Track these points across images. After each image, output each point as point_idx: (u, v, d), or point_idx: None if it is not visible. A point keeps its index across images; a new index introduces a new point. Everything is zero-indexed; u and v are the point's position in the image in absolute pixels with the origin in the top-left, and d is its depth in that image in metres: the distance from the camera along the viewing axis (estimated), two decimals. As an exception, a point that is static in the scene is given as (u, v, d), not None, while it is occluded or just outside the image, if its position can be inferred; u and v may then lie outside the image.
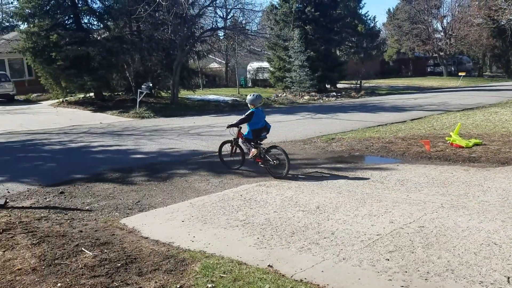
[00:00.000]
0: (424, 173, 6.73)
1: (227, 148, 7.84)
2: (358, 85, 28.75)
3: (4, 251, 3.95)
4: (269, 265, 3.60)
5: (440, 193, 5.62)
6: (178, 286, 3.21)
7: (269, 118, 15.43)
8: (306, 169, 7.47)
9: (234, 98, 23.97)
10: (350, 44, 37.50)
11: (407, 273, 3.44)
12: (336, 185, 6.22)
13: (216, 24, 24.58)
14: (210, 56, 27.58)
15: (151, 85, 19.86)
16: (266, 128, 7.28)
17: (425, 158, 8.00)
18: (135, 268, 3.54)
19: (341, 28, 30.53)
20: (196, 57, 24.01)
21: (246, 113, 7.22)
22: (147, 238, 4.40)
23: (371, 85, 31.84)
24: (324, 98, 24.94)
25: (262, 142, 7.26)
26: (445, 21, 45.82)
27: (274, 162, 6.94)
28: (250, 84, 36.90)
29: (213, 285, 3.20)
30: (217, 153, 8.12)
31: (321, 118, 15.37)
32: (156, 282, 3.28)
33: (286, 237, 4.22)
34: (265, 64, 32.95)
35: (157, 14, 19.08)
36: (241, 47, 27.73)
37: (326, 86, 29.80)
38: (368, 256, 3.75)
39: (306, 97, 24.75)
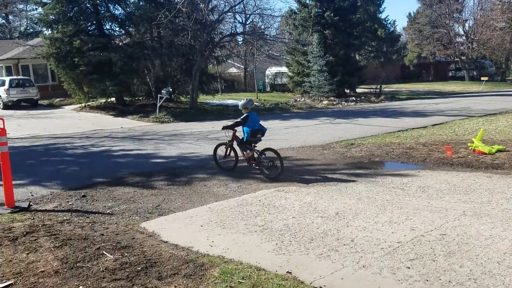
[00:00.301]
0: (446, 180, 6.61)
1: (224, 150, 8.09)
2: (378, 90, 28.46)
3: (27, 254, 4.04)
4: (288, 272, 3.59)
5: (462, 200, 5.51)
6: (197, 290, 3.23)
7: (287, 123, 15.57)
8: (325, 175, 7.43)
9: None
10: (370, 49, 37.18)
11: (428, 281, 3.38)
12: (355, 191, 6.17)
13: (235, 29, 24.70)
14: (229, 61, 27.75)
15: (171, 90, 20.09)
16: (262, 131, 7.55)
17: (446, 164, 7.86)
18: (155, 272, 3.58)
19: (360, 32, 30.34)
20: (215, 62, 24.21)
21: (242, 117, 7.49)
22: (166, 242, 4.44)
23: (391, 89, 31.49)
24: (343, 102, 24.78)
25: (256, 145, 7.60)
26: (467, 25, 45.07)
27: (268, 164, 7.24)
28: (268, 89, 36.94)
29: (232, 291, 3.21)
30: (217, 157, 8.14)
31: (340, 123, 15.27)
32: (175, 286, 3.31)
33: (305, 243, 4.21)
34: (284, 69, 32.96)
35: (177, 20, 19.32)
36: (260, 52, 27.80)
37: (345, 90, 29.60)
38: (388, 264, 3.70)
39: (325, 102, 24.63)
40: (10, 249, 4.17)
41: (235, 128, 7.67)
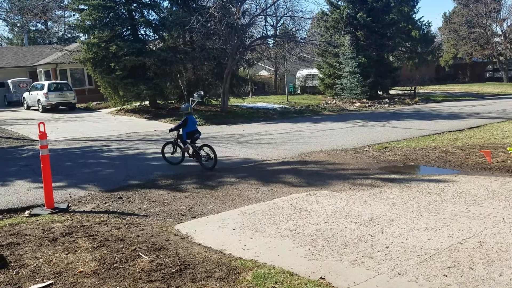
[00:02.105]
0: (484, 185, 6.39)
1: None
2: (412, 92, 27.80)
3: (66, 254, 4.18)
4: (321, 277, 3.56)
5: (501, 206, 5.30)
6: (230, 294, 3.26)
7: (318, 126, 15.47)
8: (358, 179, 7.33)
9: (283, 106, 24.01)
10: (404, 50, 36.38)
11: (468, 292, 3.27)
12: (390, 196, 6.05)
13: (266, 32, 24.74)
14: (260, 63, 27.83)
15: (202, 93, 20.31)
16: (198, 131, 9.05)
17: (485, 169, 7.59)
18: (189, 274, 3.63)
19: (394, 33, 29.76)
20: (246, 65, 24.33)
21: (182, 120, 8.91)
22: (199, 244, 4.50)
23: (426, 91, 30.70)
24: (376, 105, 24.35)
25: (196, 142, 8.98)
26: (505, 24, 43.30)
27: (206, 158, 8.75)
28: (299, 91, 36.80)
29: (265, 295, 3.21)
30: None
31: (373, 126, 15.01)
32: (209, 289, 3.35)
33: (338, 249, 4.16)
34: (315, 71, 32.74)
35: (209, 24, 19.55)
36: (291, 54, 27.73)
37: (378, 92, 29.07)
38: (424, 272, 3.61)
39: (357, 104, 24.29)
40: (50, 249, 4.33)
41: (172, 129, 9.07)
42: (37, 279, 3.64)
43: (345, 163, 8.80)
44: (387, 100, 26.24)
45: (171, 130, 9.09)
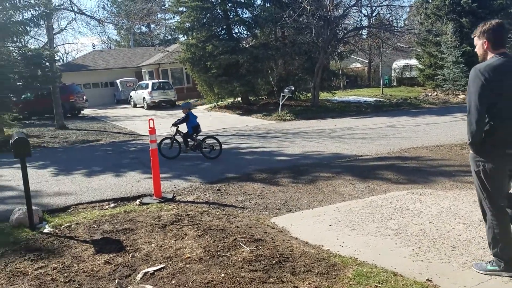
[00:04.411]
0: None
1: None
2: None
3: (175, 240, 4.50)
4: (427, 279, 3.37)
5: None
6: (332, 290, 3.23)
7: (418, 120, 14.64)
8: (465, 177, 6.78)
9: (377, 99, 23.11)
10: (515, 35, 32.74)
11: None
12: (503, 197, 5.51)
13: (360, 23, 24.00)
14: (352, 56, 27.07)
15: (293, 88, 20.42)
16: (199, 125, 9.79)
17: None
18: (289, 267, 3.68)
19: (503, 19, 26.89)
20: (338, 58, 23.85)
21: (184, 116, 9.66)
22: (296, 238, 4.53)
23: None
24: (482, 97, 22.30)
25: (198, 135, 9.78)
26: None
27: (209, 149, 9.57)
28: (395, 83, 35.10)
29: (368, 294, 3.14)
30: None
31: (480, 120, 13.77)
32: (310, 283, 3.36)
33: (446, 251, 3.90)
34: (413, 61, 30.94)
35: (301, 19, 19.51)
36: (387, 44, 26.53)
37: (485, 83, 26.57)
38: (550, 282, 3.23)
39: (461, 96, 22.47)
40: (160, 235, 4.69)
41: (176, 123, 9.65)
42: (150, 263, 3.96)
43: (450, 159, 8.21)
44: (496, 91, 23.87)
45: (174, 125, 9.70)
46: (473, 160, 3.37)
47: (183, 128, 9.80)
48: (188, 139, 9.76)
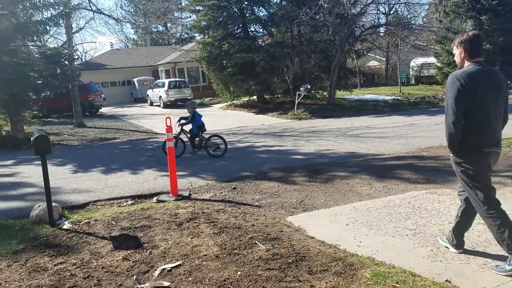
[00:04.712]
0: None
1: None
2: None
3: (191, 238, 4.52)
4: (446, 280, 3.32)
5: None
6: (349, 289, 3.21)
7: (436, 119, 14.42)
8: (484, 177, 6.66)
9: (395, 97, 22.86)
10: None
11: None
12: (524, 198, 5.39)
13: (378, 20, 23.71)
14: (369, 54, 26.80)
15: (309, 87, 20.33)
16: (204, 124, 9.74)
17: None
18: (305, 266, 3.67)
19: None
20: (355, 56, 23.66)
21: (190, 115, 9.60)
22: (313, 238, 4.51)
23: None
24: (503, 95, 21.86)
25: (203, 134, 9.77)
26: None
27: (214, 147, 9.67)
28: (413, 82, 34.64)
29: (386, 294, 3.11)
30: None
31: (500, 119, 13.49)
32: (326, 282, 3.34)
33: (465, 252, 3.84)
34: (431, 60, 30.48)
35: (317, 17, 19.40)
36: (405, 42, 26.18)
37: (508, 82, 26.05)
38: None
39: (480, 95, 22.05)
40: (177, 232, 4.73)
41: (183, 123, 9.54)
42: (167, 260, 4.00)
43: (469, 159, 8.07)
44: (517, 89, 23.36)
45: (181, 124, 9.58)
46: (454, 163, 3.54)
47: (188, 128, 9.79)
48: (196, 139, 9.77)
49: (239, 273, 3.57)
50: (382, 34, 25.67)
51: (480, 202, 3.43)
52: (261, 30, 22.89)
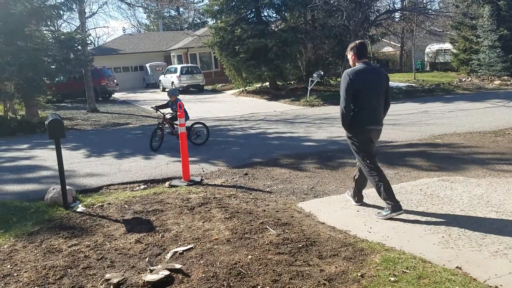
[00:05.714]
0: None
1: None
2: None
3: (203, 222, 4.58)
4: (457, 267, 3.31)
5: None
6: (359, 274, 3.22)
7: (451, 106, 14.23)
8: (499, 165, 6.58)
9: (409, 84, 22.54)
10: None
11: None
12: (539, 186, 5.32)
13: (393, 5, 23.30)
14: (384, 40, 26.38)
15: (322, 73, 20.13)
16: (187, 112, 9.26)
17: None
18: (315, 251, 3.69)
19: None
20: (369, 42, 23.30)
21: (173, 104, 9.18)
22: (323, 223, 4.53)
23: None
24: (520, 82, 21.41)
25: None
26: None
27: (196, 135, 9.53)
28: (427, 68, 34.06)
29: (396, 279, 3.11)
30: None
31: (517, 107, 13.25)
32: (336, 267, 3.36)
33: (477, 239, 3.82)
34: (447, 46, 29.91)
35: (331, 1, 19.11)
36: (420, 28, 25.68)
37: (523, 68, 25.45)
38: None
39: (497, 82, 21.63)
40: (189, 217, 4.78)
41: (164, 112, 9.35)
42: (179, 243, 4.06)
43: (483, 146, 7.96)
44: (535, 76, 22.84)
45: (157, 109, 9.45)
46: (347, 137, 4.71)
47: (167, 112, 9.56)
48: (174, 124, 9.41)
49: (249, 257, 3.61)
50: (397, 19, 25.18)
51: (365, 165, 4.55)
52: (274, 15, 22.66)
